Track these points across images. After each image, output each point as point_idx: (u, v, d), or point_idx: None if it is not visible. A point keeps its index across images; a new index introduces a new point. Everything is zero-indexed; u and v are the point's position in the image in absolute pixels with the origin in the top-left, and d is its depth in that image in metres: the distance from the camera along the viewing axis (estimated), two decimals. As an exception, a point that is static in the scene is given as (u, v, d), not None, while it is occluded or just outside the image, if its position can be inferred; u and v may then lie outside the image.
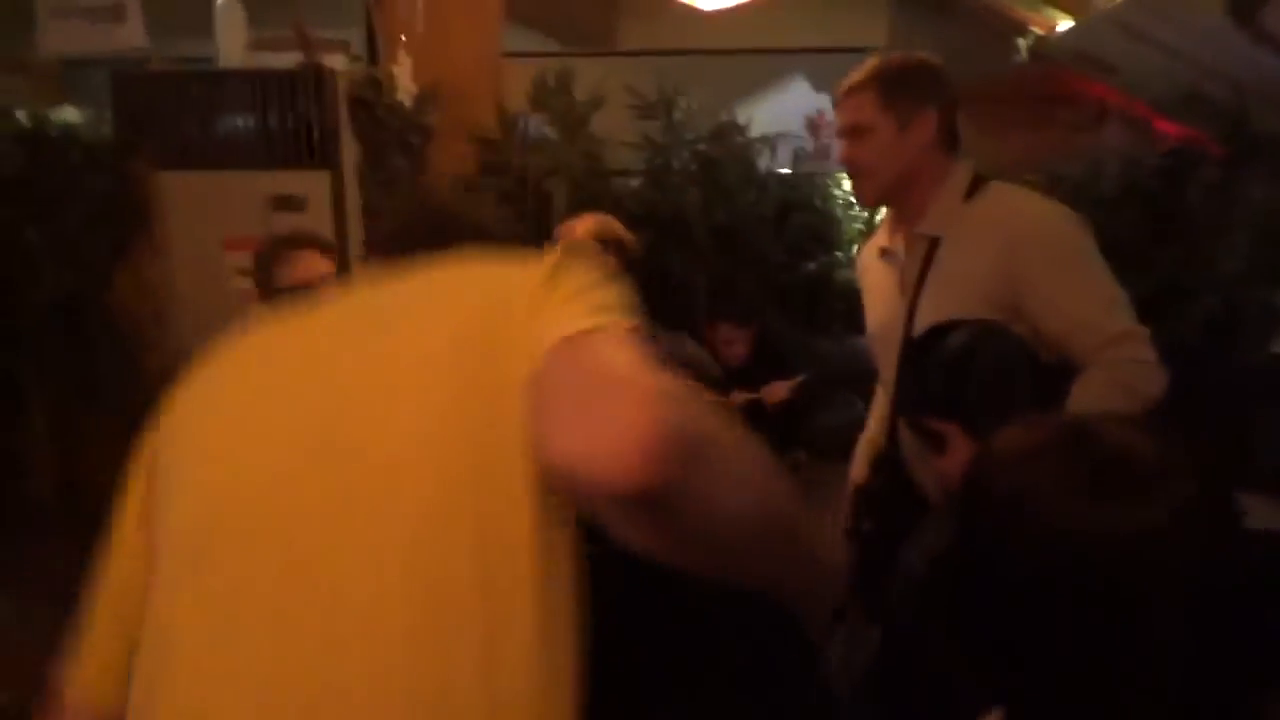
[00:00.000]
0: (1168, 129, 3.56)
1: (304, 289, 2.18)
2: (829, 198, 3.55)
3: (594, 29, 5.39)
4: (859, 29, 4.69)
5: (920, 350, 1.51)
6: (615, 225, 2.11)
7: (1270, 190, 3.03)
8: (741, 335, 2.92)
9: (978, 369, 1.41)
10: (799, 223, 3.48)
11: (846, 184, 3.58)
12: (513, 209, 2.94)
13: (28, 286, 2.86)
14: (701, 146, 3.27)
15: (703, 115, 3.30)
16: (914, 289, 1.65)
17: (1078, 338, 1.51)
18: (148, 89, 2.87)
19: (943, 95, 1.64)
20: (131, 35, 3.03)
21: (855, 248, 3.50)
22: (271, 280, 2.20)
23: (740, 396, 2.73)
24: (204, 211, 2.86)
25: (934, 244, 1.64)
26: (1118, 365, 1.49)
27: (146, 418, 0.87)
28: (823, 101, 4.97)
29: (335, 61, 2.88)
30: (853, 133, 1.66)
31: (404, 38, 2.83)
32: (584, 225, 2.07)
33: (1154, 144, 3.22)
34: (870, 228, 3.45)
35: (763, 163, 3.47)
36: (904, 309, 1.66)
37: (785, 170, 3.73)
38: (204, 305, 2.43)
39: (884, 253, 1.77)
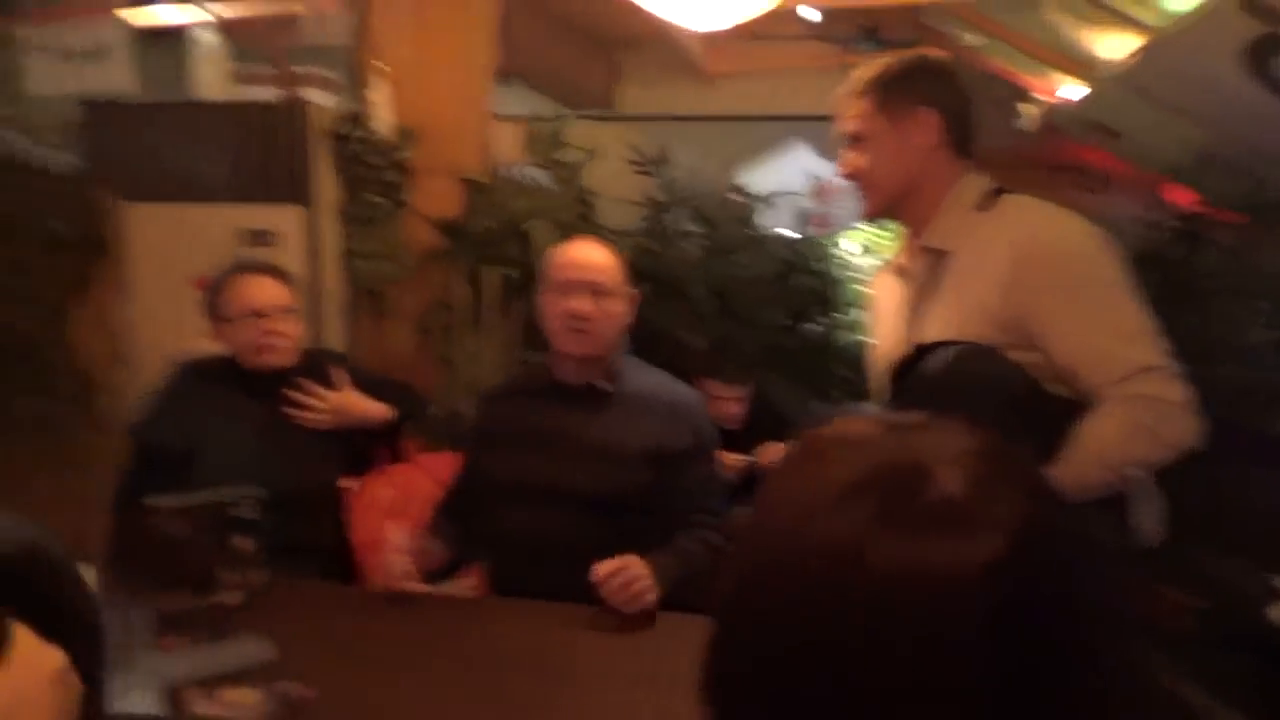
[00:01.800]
0: (1178, 197, 3.46)
1: (254, 315, 2.06)
2: (829, 259, 3.43)
3: (596, 94, 5.38)
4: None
5: (900, 373, 1.34)
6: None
7: (1289, 256, 2.90)
8: (735, 394, 2.80)
9: (953, 395, 1.23)
10: (800, 284, 3.36)
11: (847, 244, 3.50)
12: (493, 250, 2.80)
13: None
14: (699, 204, 3.17)
15: (702, 178, 3.21)
16: (918, 307, 1.49)
17: (1091, 369, 1.33)
18: (119, 119, 2.76)
19: (946, 94, 1.50)
20: (118, 77, 2.95)
21: (857, 311, 3.39)
22: (220, 309, 2.05)
23: (734, 458, 2.55)
24: (172, 246, 2.73)
25: (942, 258, 1.48)
26: (1136, 402, 1.31)
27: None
28: (826, 168, 4.93)
29: (316, 96, 2.79)
30: (852, 141, 1.56)
31: (387, 74, 2.72)
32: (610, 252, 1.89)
33: (1164, 210, 3.11)
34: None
35: (763, 223, 3.37)
36: (908, 328, 1.49)
37: (786, 232, 3.63)
38: (170, 344, 2.27)
39: (899, 270, 1.63)
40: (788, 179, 4.09)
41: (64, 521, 1.63)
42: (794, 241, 3.46)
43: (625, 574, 1.56)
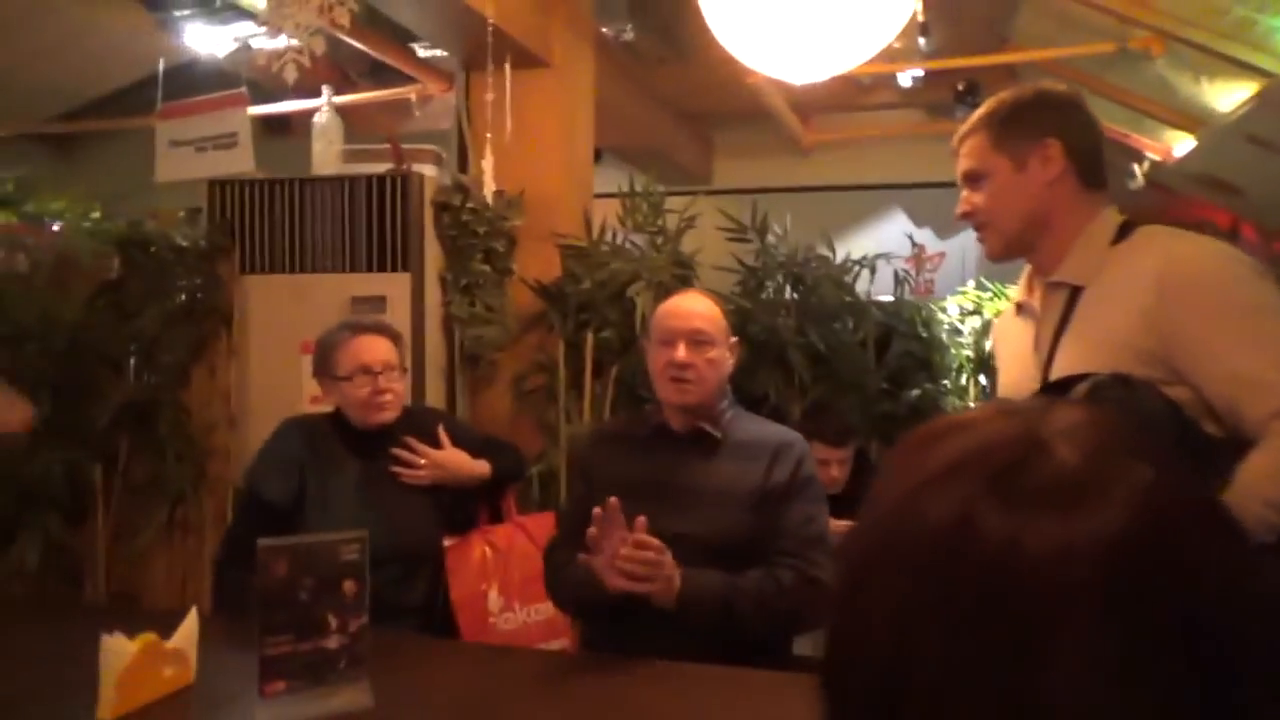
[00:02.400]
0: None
1: (365, 373, 2.10)
2: (934, 323, 3.34)
3: (692, 171, 5.48)
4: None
5: None
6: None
7: None
8: (836, 456, 2.72)
9: None
10: (901, 349, 3.28)
11: (952, 309, 3.40)
12: (592, 314, 2.82)
13: (108, 385, 2.85)
14: (796, 269, 3.14)
15: (799, 245, 3.20)
16: (1050, 344, 1.41)
17: (1246, 400, 1.23)
18: (241, 194, 2.92)
19: (1068, 124, 1.44)
20: (241, 161, 3.13)
21: (962, 376, 3.28)
22: (331, 366, 2.10)
23: (838, 524, 2.46)
24: (286, 314, 2.84)
25: (1075, 294, 1.41)
26: None
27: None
28: (923, 235, 4.87)
29: (425, 169, 2.89)
30: (969, 180, 1.50)
31: (490, 141, 2.82)
32: (713, 301, 1.91)
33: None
34: (979, 354, 3.23)
35: (861, 287, 3.32)
36: (1038, 367, 1.41)
37: (885, 298, 3.56)
38: (282, 410, 2.34)
39: (1020, 309, 1.56)
40: (886, 247, 4.05)
41: (174, 580, 1.69)
42: (894, 306, 3.39)
43: (644, 557, 1.58)
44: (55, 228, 3.01)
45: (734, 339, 1.90)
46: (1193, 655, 0.42)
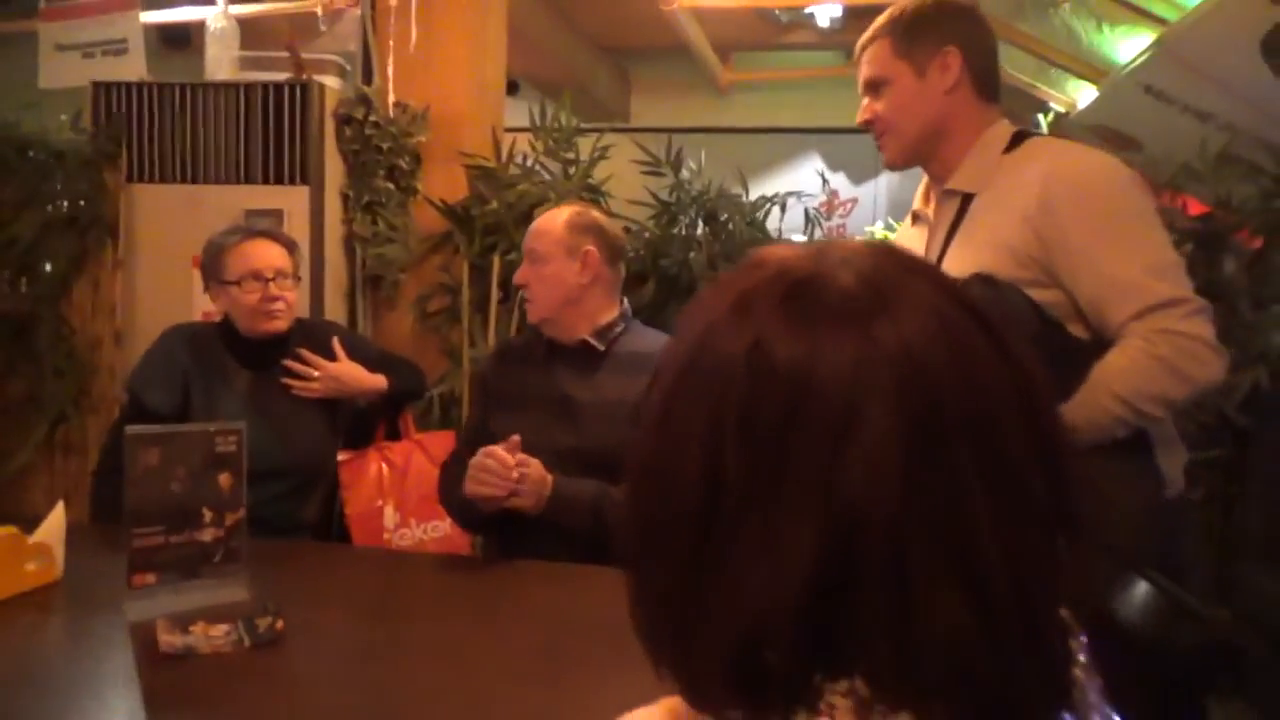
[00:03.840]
0: (1193, 205, 3.40)
1: (256, 279, 2.02)
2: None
3: (609, 107, 5.40)
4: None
5: None
6: (596, 214, 1.93)
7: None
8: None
9: None
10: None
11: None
12: (499, 237, 2.76)
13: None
14: (708, 204, 3.13)
15: (714, 184, 3.18)
16: (940, 250, 1.44)
17: (1112, 301, 1.28)
18: (129, 98, 2.76)
19: (967, 33, 1.46)
20: (133, 69, 2.96)
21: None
22: (219, 271, 2.01)
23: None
24: (176, 226, 2.71)
25: (966, 201, 1.44)
26: (1158, 336, 1.25)
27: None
28: (837, 181, 4.92)
29: (327, 80, 2.78)
30: (870, 88, 1.51)
31: (394, 51, 2.72)
32: (562, 216, 1.89)
33: (1180, 218, 3.05)
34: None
35: (772, 225, 3.33)
36: None
37: (798, 237, 3.59)
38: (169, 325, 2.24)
39: (916, 218, 1.59)
40: (800, 189, 4.08)
41: (54, 502, 1.61)
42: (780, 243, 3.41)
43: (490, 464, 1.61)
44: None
45: (588, 248, 1.83)
46: (976, 452, 0.45)
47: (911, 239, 1.57)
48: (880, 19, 1.51)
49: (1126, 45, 3.23)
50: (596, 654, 1.25)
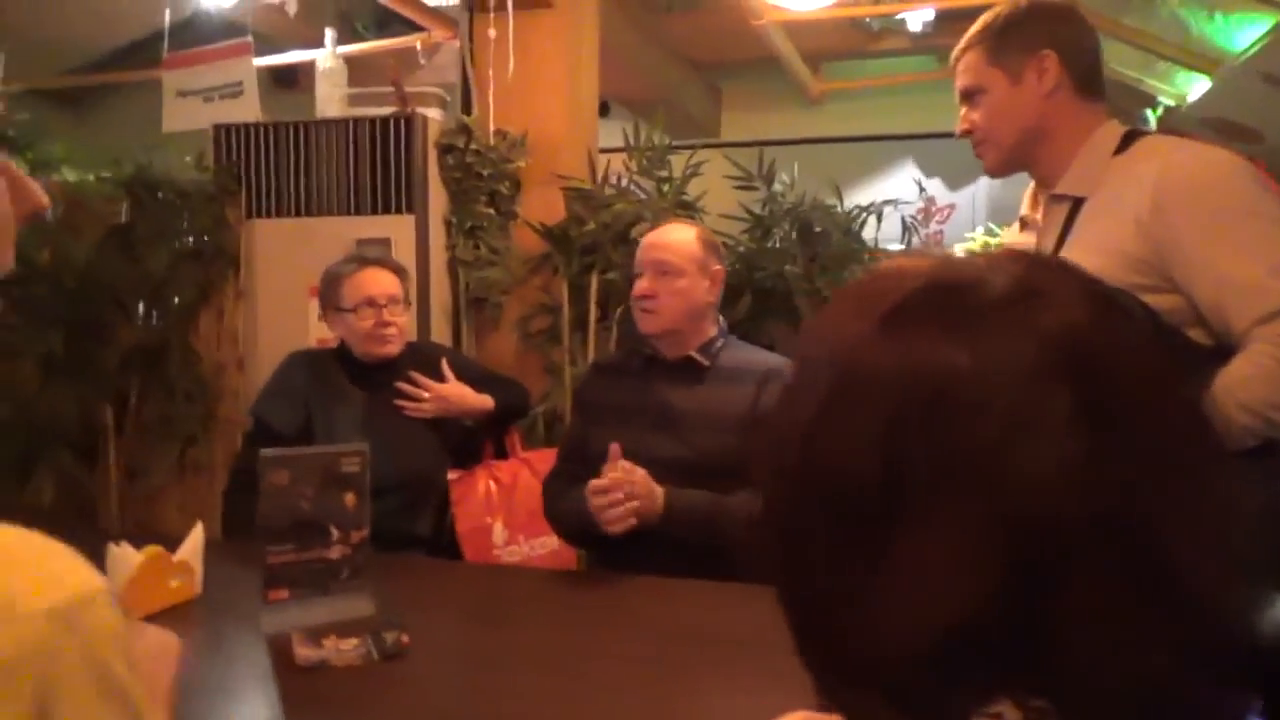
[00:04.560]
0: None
1: (369, 305, 2.12)
2: (940, 269, 3.32)
3: (701, 123, 5.43)
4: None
5: None
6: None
7: None
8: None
9: None
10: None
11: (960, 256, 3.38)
12: (597, 256, 2.81)
13: (116, 328, 2.88)
14: (803, 217, 3.12)
15: (807, 195, 3.17)
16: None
17: (1234, 305, 1.22)
18: (246, 138, 2.93)
19: (1064, 34, 1.43)
20: (248, 110, 3.14)
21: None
22: (335, 299, 2.11)
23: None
24: (292, 256, 2.85)
25: (1077, 206, 1.40)
26: None
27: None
28: (933, 187, 4.83)
29: (429, 112, 2.89)
30: (966, 98, 1.49)
31: (493, 81, 2.81)
32: (693, 232, 1.94)
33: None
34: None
35: (868, 235, 3.30)
36: None
37: (894, 246, 3.54)
38: (287, 351, 2.36)
39: (1024, 225, 1.56)
40: (896, 196, 4.02)
41: (187, 519, 1.72)
42: (902, 254, 3.37)
43: (616, 494, 1.62)
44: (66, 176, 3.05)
45: (716, 268, 1.90)
46: (1151, 444, 0.45)
47: (1020, 246, 1.54)
48: (974, 27, 1.49)
49: (1241, 33, 3.09)
50: (705, 666, 1.27)
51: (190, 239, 2.88)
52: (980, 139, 1.50)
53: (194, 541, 1.56)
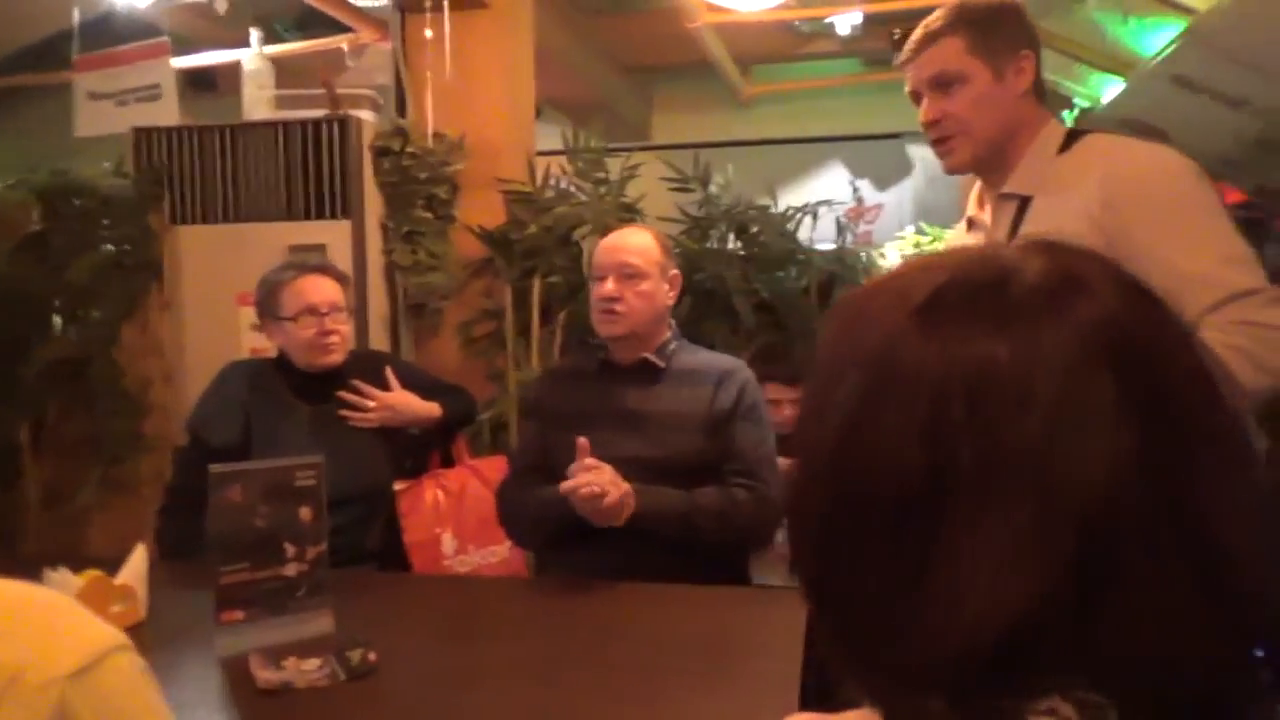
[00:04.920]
0: (1230, 195, 3.37)
1: (311, 314, 2.05)
2: (875, 269, 3.38)
3: (633, 125, 5.43)
4: (896, 114, 4.67)
5: None
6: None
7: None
8: (789, 396, 2.74)
9: None
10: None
11: (893, 255, 3.45)
12: (539, 260, 2.78)
13: (33, 342, 2.73)
14: (740, 218, 3.13)
15: (741, 195, 3.19)
16: None
17: (1186, 295, 1.25)
18: (169, 142, 2.81)
19: (1034, 36, 1.45)
20: (166, 113, 3.01)
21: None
22: (275, 308, 2.04)
23: (787, 462, 2.49)
24: (221, 264, 2.75)
25: (1024, 205, 1.43)
26: (1234, 327, 1.23)
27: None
28: (861, 187, 4.91)
29: (362, 114, 2.82)
30: (938, 85, 1.43)
31: (430, 83, 2.75)
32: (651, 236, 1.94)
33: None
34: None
35: (803, 236, 3.34)
36: None
37: (827, 246, 3.59)
38: (220, 364, 2.25)
39: (971, 224, 1.57)
40: (826, 197, 4.08)
41: (112, 543, 1.63)
42: (836, 254, 3.42)
43: (593, 485, 1.61)
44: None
45: (674, 272, 1.93)
46: (1197, 428, 0.46)
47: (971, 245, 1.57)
48: (939, 15, 1.45)
49: (1153, 37, 3.22)
50: (689, 671, 1.26)
51: (111, 247, 2.75)
52: (954, 130, 1.44)
53: (136, 564, 1.49)
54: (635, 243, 1.89)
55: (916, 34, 1.48)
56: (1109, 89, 3.78)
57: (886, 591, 0.47)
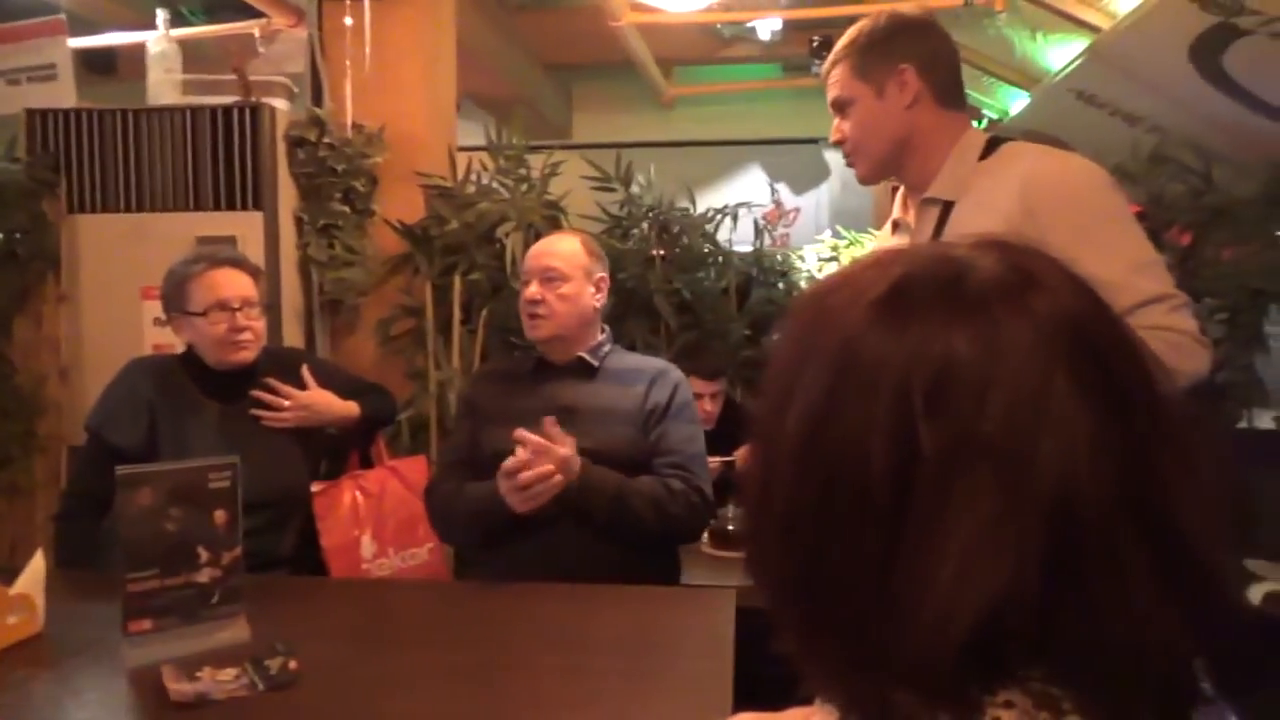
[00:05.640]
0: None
1: (222, 309, 1.96)
2: (792, 271, 3.43)
3: (555, 124, 5.39)
4: (814, 120, 4.75)
5: None
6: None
7: (1240, 254, 2.97)
8: (710, 390, 2.77)
9: None
10: (762, 297, 3.36)
11: (810, 258, 3.51)
12: (460, 257, 2.73)
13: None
14: (661, 218, 3.15)
15: (662, 196, 3.21)
16: None
17: None
18: (66, 126, 2.67)
19: (922, 48, 1.50)
20: (62, 95, 2.86)
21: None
22: (183, 302, 1.95)
23: (710, 459, 2.51)
24: (122, 255, 2.62)
25: (946, 209, 1.47)
26: (1144, 333, 1.28)
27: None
28: (780, 191, 5.00)
29: (276, 102, 2.72)
30: (837, 109, 1.56)
31: (349, 76, 2.68)
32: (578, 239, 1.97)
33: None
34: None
35: (722, 237, 3.37)
36: None
37: (745, 248, 3.64)
38: (120, 361, 2.13)
39: (896, 226, 1.62)
40: (745, 199, 4.12)
41: (1, 550, 1.52)
42: (754, 255, 3.46)
43: (535, 469, 1.63)
44: None
45: (601, 275, 1.95)
46: (1150, 417, 0.47)
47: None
48: (841, 41, 1.55)
49: (1058, 53, 3.36)
50: (620, 672, 1.25)
51: (1, 236, 2.59)
52: (851, 149, 1.57)
53: (34, 572, 1.40)
54: (560, 248, 1.93)
55: (827, 61, 1.57)
56: (1016, 101, 3.92)
57: (853, 585, 0.47)
